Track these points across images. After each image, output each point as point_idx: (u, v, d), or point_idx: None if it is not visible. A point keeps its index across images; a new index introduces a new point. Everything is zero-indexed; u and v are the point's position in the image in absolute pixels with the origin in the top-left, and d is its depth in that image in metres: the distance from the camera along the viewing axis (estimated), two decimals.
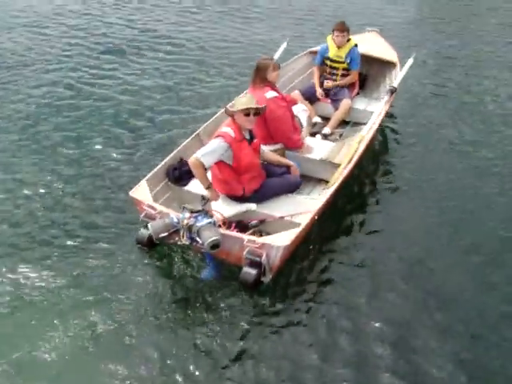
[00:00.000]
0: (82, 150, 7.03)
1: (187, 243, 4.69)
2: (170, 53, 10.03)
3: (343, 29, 7.05)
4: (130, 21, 11.62)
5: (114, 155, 6.93)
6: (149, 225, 4.79)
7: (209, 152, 4.99)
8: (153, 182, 5.56)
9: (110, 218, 5.84)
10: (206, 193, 5.17)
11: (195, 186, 5.66)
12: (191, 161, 5.00)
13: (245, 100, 5.11)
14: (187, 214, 4.66)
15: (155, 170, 5.69)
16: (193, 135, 6.24)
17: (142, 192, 5.36)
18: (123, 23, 11.47)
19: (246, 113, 5.05)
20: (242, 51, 10.07)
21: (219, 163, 5.11)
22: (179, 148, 6.01)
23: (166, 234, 4.68)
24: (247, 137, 5.21)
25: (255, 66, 5.94)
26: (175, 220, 4.67)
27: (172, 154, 5.91)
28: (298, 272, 5.13)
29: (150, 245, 5.17)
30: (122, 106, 8.07)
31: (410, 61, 7.19)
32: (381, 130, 7.17)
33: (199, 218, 4.62)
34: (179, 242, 4.74)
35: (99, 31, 11.00)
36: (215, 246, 4.51)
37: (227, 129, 5.11)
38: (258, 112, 5.15)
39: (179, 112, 7.96)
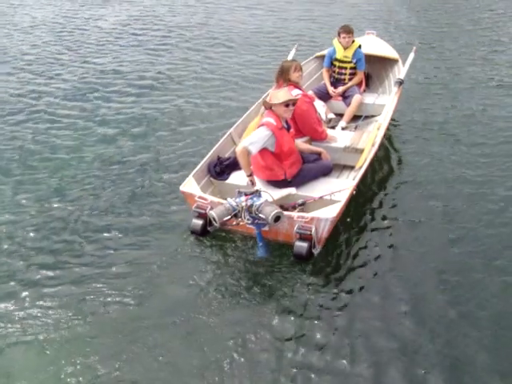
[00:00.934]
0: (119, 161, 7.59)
1: (249, 222, 5.23)
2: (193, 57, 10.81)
3: (349, 30, 7.73)
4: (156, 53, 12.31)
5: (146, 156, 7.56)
6: (212, 212, 5.30)
7: (256, 140, 5.60)
8: (197, 178, 6.12)
9: (157, 212, 6.37)
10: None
11: (235, 179, 6.24)
12: (239, 149, 5.60)
13: (283, 93, 5.74)
14: (243, 197, 5.21)
15: (198, 167, 6.24)
16: (225, 135, 6.82)
17: (191, 186, 5.92)
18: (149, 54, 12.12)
19: (286, 104, 5.66)
20: (256, 56, 10.85)
21: (262, 151, 5.70)
22: (215, 148, 6.58)
23: (228, 217, 5.21)
24: (285, 126, 5.81)
25: (279, 67, 6.58)
26: (234, 204, 5.21)
27: (210, 153, 6.47)
28: (341, 244, 5.71)
29: (203, 233, 5.76)
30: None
31: (412, 55, 7.90)
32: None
33: (255, 198, 5.18)
34: (241, 223, 5.28)
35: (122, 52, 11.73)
36: (278, 217, 5.06)
37: (269, 118, 5.71)
38: (294, 103, 5.76)
39: (209, 116, 8.60)
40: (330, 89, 7.96)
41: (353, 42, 7.87)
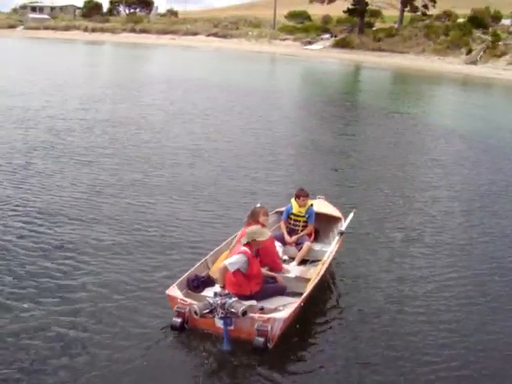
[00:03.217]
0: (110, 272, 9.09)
1: (222, 316, 6.81)
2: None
3: (307, 194, 9.93)
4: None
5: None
6: (194, 306, 6.94)
7: (234, 262, 7.45)
8: (179, 287, 7.74)
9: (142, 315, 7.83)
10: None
11: (207, 293, 7.88)
12: (221, 266, 7.43)
13: (262, 232, 7.73)
14: (218, 297, 6.87)
15: (179, 280, 7.89)
16: (202, 260, 8.56)
17: (174, 291, 7.55)
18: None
19: (265, 239, 7.64)
20: (223, 211, 12.46)
21: (236, 271, 7.48)
22: (193, 268, 8.26)
23: (207, 310, 6.82)
24: (255, 254, 7.68)
25: (250, 211, 8.58)
26: (211, 301, 6.86)
27: (189, 272, 8.15)
28: (290, 343, 7.28)
29: (181, 329, 7.27)
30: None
31: (351, 214, 10.09)
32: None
33: (227, 298, 6.84)
34: (216, 316, 6.86)
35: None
36: (245, 312, 6.73)
37: (246, 248, 7.62)
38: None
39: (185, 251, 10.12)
40: (287, 237, 9.93)
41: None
